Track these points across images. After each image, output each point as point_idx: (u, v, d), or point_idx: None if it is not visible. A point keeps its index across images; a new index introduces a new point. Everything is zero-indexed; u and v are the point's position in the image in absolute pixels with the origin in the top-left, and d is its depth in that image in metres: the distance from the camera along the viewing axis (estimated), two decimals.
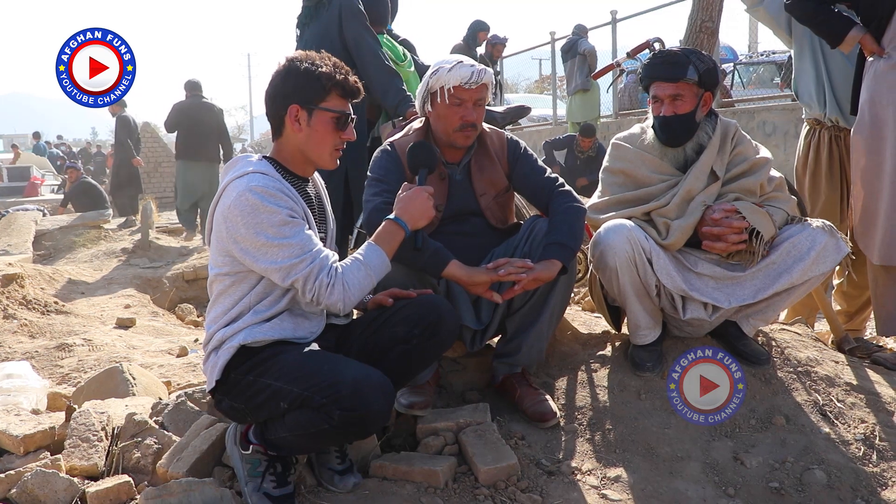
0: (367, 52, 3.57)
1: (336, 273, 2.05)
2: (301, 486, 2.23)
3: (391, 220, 2.20)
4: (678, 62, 2.66)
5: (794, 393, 2.69)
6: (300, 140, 2.16)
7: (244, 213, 2.01)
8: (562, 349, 2.98)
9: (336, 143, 2.18)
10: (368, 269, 2.10)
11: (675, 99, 2.68)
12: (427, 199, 2.24)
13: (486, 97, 2.65)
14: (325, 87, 2.12)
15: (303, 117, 2.13)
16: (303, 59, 2.14)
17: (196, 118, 8.83)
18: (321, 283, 2.04)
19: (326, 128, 2.14)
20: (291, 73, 2.13)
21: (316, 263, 2.04)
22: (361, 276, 2.08)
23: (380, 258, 2.14)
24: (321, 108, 2.13)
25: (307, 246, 2.04)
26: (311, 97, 2.12)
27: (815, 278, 2.66)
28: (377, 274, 2.13)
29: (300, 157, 2.20)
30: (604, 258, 2.63)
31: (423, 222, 2.24)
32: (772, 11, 3.62)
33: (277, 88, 2.15)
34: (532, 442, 2.48)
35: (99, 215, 10.25)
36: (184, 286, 7.32)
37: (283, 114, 2.14)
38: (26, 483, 2.17)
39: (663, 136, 2.75)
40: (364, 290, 2.10)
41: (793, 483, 2.34)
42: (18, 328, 5.10)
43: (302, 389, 1.97)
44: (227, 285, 2.13)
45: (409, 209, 2.22)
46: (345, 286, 2.05)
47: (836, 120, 3.49)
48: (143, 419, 2.51)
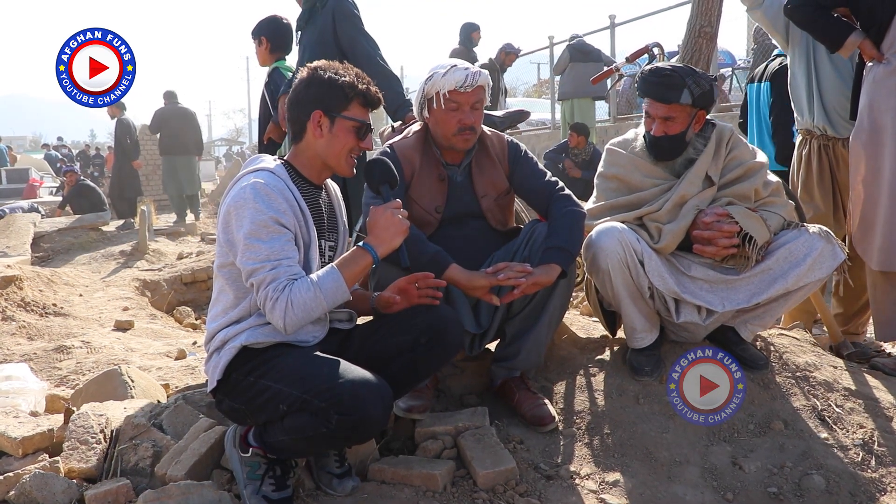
0: (363, 54, 3.59)
1: (284, 289, 1.99)
2: (300, 490, 2.23)
3: (358, 246, 2.13)
4: (673, 85, 2.63)
5: (792, 398, 2.69)
6: (320, 146, 2.18)
7: (237, 206, 2.05)
8: (560, 353, 2.99)
9: (354, 151, 2.21)
10: (319, 291, 2.02)
11: (666, 120, 2.69)
12: (392, 215, 2.13)
13: (484, 99, 2.64)
14: (347, 97, 2.16)
15: (325, 124, 2.16)
16: (326, 68, 2.18)
17: (174, 121, 10.96)
18: (266, 294, 2.01)
19: (347, 136, 2.17)
20: (315, 81, 2.16)
21: (271, 274, 2.00)
22: (309, 297, 2.01)
23: (335, 282, 2.05)
24: (343, 117, 2.16)
25: (274, 254, 2.01)
26: (333, 105, 2.15)
27: (811, 284, 2.66)
28: (328, 298, 2.04)
29: (318, 163, 2.22)
30: (596, 261, 2.63)
31: (396, 240, 2.13)
32: (769, 15, 3.63)
33: (300, 95, 2.18)
34: (530, 446, 2.48)
35: (97, 217, 10.26)
36: (182, 289, 7.31)
37: (305, 119, 2.17)
38: (25, 485, 2.17)
39: (653, 152, 2.77)
40: (311, 312, 2.03)
41: (791, 488, 2.34)
42: (17, 330, 5.09)
43: (301, 392, 1.97)
44: (225, 280, 2.15)
45: (375, 231, 2.13)
46: (289, 304, 1.99)
47: (825, 129, 3.50)
48: (142, 422, 2.50)
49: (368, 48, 3.60)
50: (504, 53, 9.28)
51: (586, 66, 9.80)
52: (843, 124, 3.46)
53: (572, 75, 10.01)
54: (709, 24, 3.50)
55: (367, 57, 3.57)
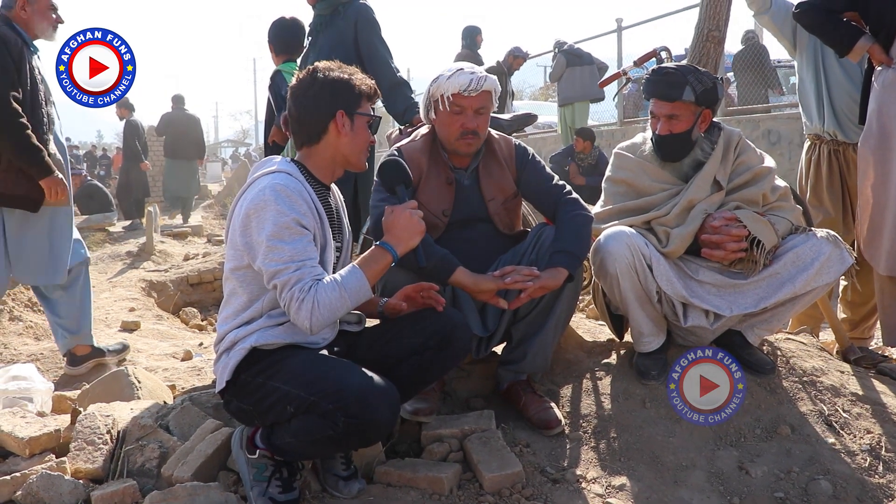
0: (380, 60, 3.65)
1: (309, 290, 2.00)
2: (306, 492, 2.23)
3: (377, 245, 2.15)
4: (674, 82, 2.65)
5: (799, 403, 2.68)
6: (344, 144, 2.21)
7: (257, 208, 2.05)
8: (567, 357, 2.98)
9: (369, 146, 2.26)
10: (343, 291, 2.03)
11: (670, 118, 2.69)
12: (410, 216, 2.16)
13: (490, 105, 2.63)
14: (359, 94, 2.20)
15: (347, 123, 2.19)
16: (333, 69, 2.21)
17: (178, 125, 11.30)
18: (292, 295, 2.01)
19: (365, 131, 2.23)
20: (328, 83, 2.18)
21: (296, 275, 2.01)
22: (335, 297, 2.02)
23: (358, 282, 2.06)
24: (359, 114, 2.21)
25: (297, 255, 2.02)
26: (351, 103, 2.19)
27: (818, 289, 2.65)
28: (353, 298, 2.06)
29: (338, 162, 2.25)
30: (604, 265, 2.63)
31: (414, 240, 2.16)
32: (777, 20, 3.63)
33: (317, 97, 2.19)
34: (537, 449, 2.48)
35: (104, 218, 10.26)
36: (188, 290, 7.33)
37: (327, 120, 2.19)
38: (31, 485, 2.17)
39: (660, 152, 2.77)
40: (336, 311, 2.04)
41: (798, 493, 2.33)
42: (24, 330, 5.10)
43: (309, 394, 1.98)
44: (238, 283, 2.15)
45: (394, 232, 2.15)
46: (315, 304, 2.00)
47: (835, 133, 3.49)
48: (148, 423, 2.51)
49: (385, 55, 3.68)
50: (512, 57, 9.27)
51: (582, 69, 9.86)
52: (853, 129, 3.45)
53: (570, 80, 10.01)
54: (717, 28, 3.49)
55: (384, 63, 3.64)
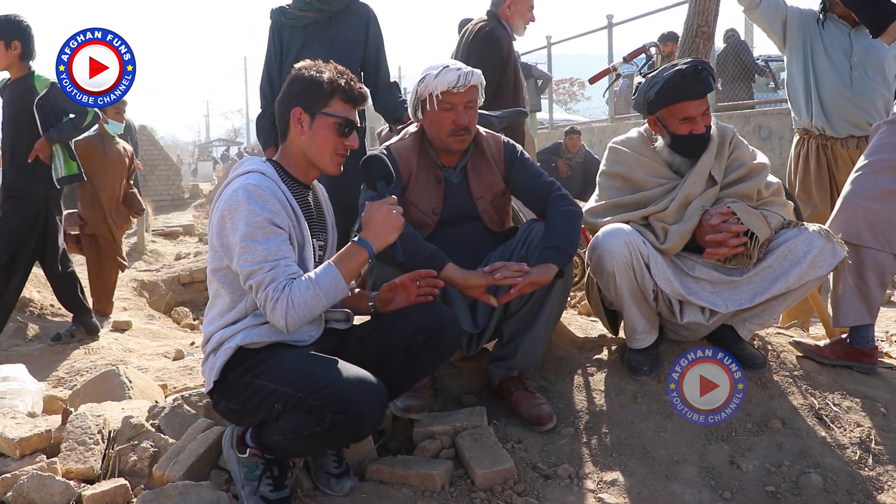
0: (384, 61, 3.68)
1: (283, 289, 2.00)
2: (298, 490, 2.23)
3: (353, 242, 2.14)
4: (703, 78, 2.64)
5: (790, 397, 2.69)
6: (302, 143, 2.20)
7: (231, 209, 2.06)
8: (558, 353, 2.99)
9: (338, 149, 2.21)
10: (318, 289, 2.03)
11: (704, 113, 2.69)
12: (388, 211, 2.14)
13: (477, 99, 2.64)
14: (327, 92, 2.17)
15: (305, 120, 2.18)
16: (309, 67, 2.21)
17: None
18: (266, 295, 2.01)
19: (328, 132, 2.18)
20: (296, 79, 2.20)
21: (269, 275, 2.01)
22: (309, 295, 2.02)
23: (333, 279, 2.06)
24: (323, 113, 2.17)
25: (271, 255, 2.02)
26: (313, 101, 2.17)
27: (811, 282, 2.66)
28: (328, 295, 2.05)
29: (303, 161, 2.23)
30: (601, 262, 2.63)
31: (392, 235, 2.14)
32: (767, 16, 3.63)
33: (284, 93, 2.22)
34: (529, 445, 2.48)
35: None
36: (180, 289, 7.32)
37: (287, 117, 2.20)
38: (22, 486, 2.16)
39: (697, 148, 2.72)
40: (312, 310, 2.04)
41: (789, 487, 2.34)
42: (14, 331, 5.08)
43: (296, 391, 1.97)
44: (220, 284, 2.15)
45: (370, 227, 2.14)
46: (289, 303, 2.00)
47: (823, 128, 3.49)
48: (140, 422, 2.50)
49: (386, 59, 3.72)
50: None
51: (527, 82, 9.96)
52: (842, 124, 3.45)
53: None
54: (706, 24, 3.50)
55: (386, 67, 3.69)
